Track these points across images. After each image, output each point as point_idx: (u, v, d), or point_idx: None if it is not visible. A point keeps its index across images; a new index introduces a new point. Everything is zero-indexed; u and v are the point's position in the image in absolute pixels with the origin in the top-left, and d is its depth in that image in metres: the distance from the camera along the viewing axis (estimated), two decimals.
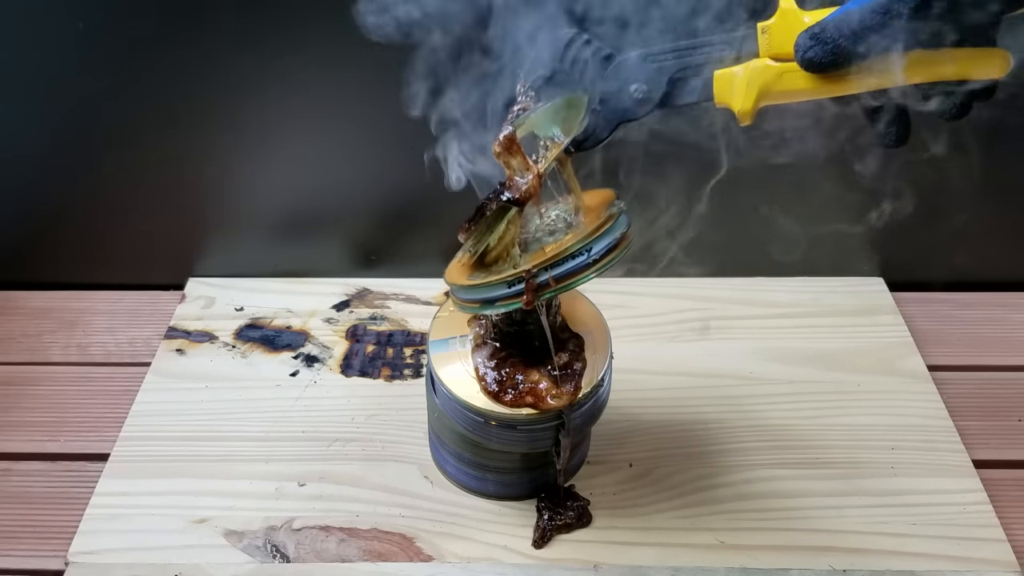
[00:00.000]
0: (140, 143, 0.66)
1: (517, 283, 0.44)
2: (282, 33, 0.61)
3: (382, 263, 0.74)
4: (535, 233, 0.47)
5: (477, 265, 0.47)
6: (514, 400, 0.48)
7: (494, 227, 0.44)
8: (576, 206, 0.47)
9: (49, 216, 0.72)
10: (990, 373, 0.67)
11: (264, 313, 0.71)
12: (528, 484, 0.55)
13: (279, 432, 0.61)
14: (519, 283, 0.44)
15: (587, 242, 0.43)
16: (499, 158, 0.43)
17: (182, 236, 0.73)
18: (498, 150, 0.43)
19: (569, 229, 0.47)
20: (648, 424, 0.61)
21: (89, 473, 0.58)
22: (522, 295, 0.44)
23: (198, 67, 0.62)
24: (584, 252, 0.43)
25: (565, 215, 0.48)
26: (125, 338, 0.70)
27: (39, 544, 0.54)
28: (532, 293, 0.43)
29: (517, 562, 0.53)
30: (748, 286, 0.74)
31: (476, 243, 0.46)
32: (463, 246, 0.48)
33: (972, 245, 0.73)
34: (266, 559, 0.53)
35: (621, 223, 0.45)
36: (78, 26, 0.60)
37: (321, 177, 0.69)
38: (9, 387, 0.65)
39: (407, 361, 0.67)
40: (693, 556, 0.53)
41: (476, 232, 0.45)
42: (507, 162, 0.43)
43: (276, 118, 0.65)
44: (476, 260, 0.47)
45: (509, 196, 0.43)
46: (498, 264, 0.46)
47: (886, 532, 0.54)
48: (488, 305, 0.45)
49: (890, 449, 0.59)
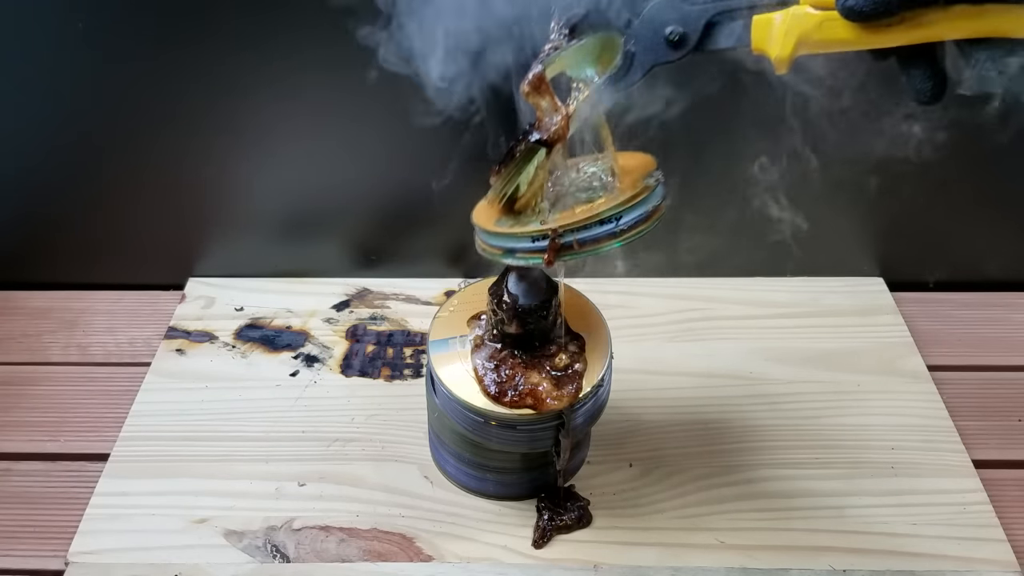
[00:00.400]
0: (140, 143, 0.66)
1: (541, 239, 0.43)
2: (282, 33, 0.61)
3: (382, 263, 0.74)
4: (568, 188, 0.46)
5: (506, 210, 0.46)
6: (514, 401, 0.49)
7: (522, 169, 0.43)
8: (612, 167, 0.46)
9: (49, 216, 0.71)
10: (990, 373, 0.67)
11: (264, 313, 0.71)
12: (528, 484, 0.55)
13: (279, 432, 0.61)
14: (543, 239, 0.43)
15: (618, 210, 0.42)
16: (528, 98, 0.42)
17: (182, 236, 0.73)
18: (527, 90, 0.42)
19: (603, 190, 0.46)
20: (648, 424, 0.61)
21: (89, 473, 0.58)
22: (544, 252, 0.43)
23: (198, 67, 0.62)
24: (614, 220, 0.42)
25: (601, 174, 0.47)
26: (125, 338, 0.70)
27: (39, 544, 0.54)
28: (554, 253, 0.43)
29: (517, 562, 0.53)
30: (748, 286, 0.74)
31: (505, 185, 0.45)
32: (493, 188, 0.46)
33: (972, 245, 0.73)
34: (266, 559, 0.53)
35: (656, 196, 0.44)
36: (78, 26, 0.60)
37: (321, 177, 0.69)
38: (9, 387, 0.65)
39: (407, 361, 0.67)
40: (693, 556, 0.53)
41: (505, 174, 0.44)
42: (536, 102, 0.42)
43: (276, 118, 0.65)
44: (505, 204, 0.46)
45: (538, 136, 0.42)
46: (526, 214, 0.46)
47: (886, 532, 0.54)
48: (509, 255, 0.45)
49: (890, 449, 0.59)
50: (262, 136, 0.66)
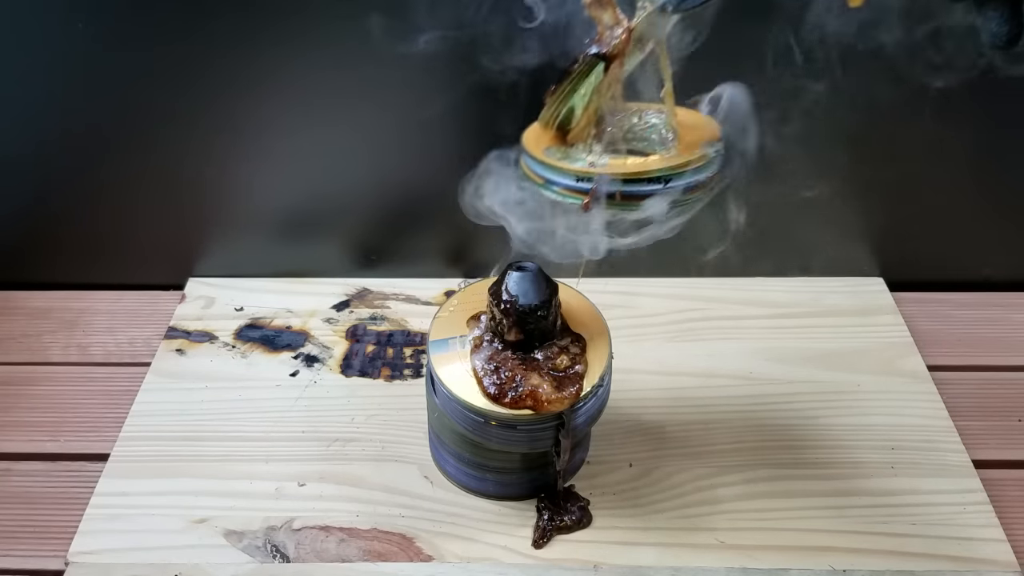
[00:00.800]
0: (140, 143, 0.66)
1: (585, 180, 0.42)
2: (282, 33, 0.61)
3: (382, 263, 0.74)
4: (625, 134, 0.45)
5: (558, 138, 0.45)
6: (513, 402, 0.48)
7: (578, 86, 0.43)
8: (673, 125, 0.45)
9: (49, 216, 0.72)
10: (990, 373, 0.67)
11: (264, 313, 0.71)
12: (528, 484, 0.55)
13: (279, 432, 0.61)
14: (587, 181, 0.42)
15: (669, 173, 0.41)
16: (589, 9, 0.41)
17: (182, 236, 0.73)
18: (588, 1, 0.41)
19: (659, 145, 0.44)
20: (648, 424, 0.61)
21: (89, 473, 0.58)
22: (585, 194, 0.42)
23: (198, 67, 0.62)
24: (662, 181, 0.42)
25: (662, 127, 0.45)
26: (125, 338, 0.70)
27: (39, 544, 0.54)
28: (593, 199, 0.42)
29: (517, 562, 0.53)
30: (748, 286, 0.74)
31: (558, 106, 0.44)
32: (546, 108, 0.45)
33: (972, 245, 0.73)
34: (266, 559, 0.53)
35: (710, 167, 0.43)
36: (78, 26, 0.60)
37: (321, 177, 0.69)
38: (9, 387, 0.65)
39: (407, 361, 0.67)
40: (693, 556, 0.53)
41: (559, 92, 0.43)
42: (597, 16, 0.41)
43: (276, 118, 0.65)
44: (557, 130, 0.45)
45: (596, 50, 0.41)
46: (575, 148, 0.45)
47: (886, 532, 0.54)
48: (548, 187, 0.44)
49: (890, 449, 0.59)
50: (262, 136, 0.66)
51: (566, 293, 0.53)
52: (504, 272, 0.50)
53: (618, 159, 0.44)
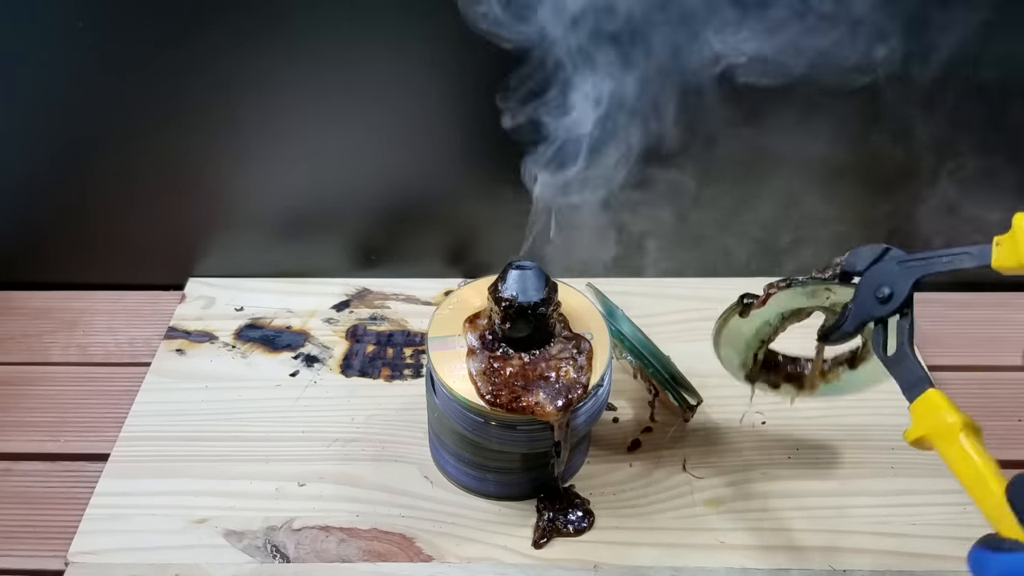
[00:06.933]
0: (140, 143, 0.66)
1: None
2: (283, 33, 0.61)
3: (382, 263, 0.74)
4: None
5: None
6: (512, 402, 0.48)
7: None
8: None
9: (49, 216, 0.72)
10: (990, 373, 0.67)
11: (264, 313, 0.71)
12: (528, 484, 0.55)
13: (279, 432, 0.61)
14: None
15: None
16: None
17: (182, 236, 0.73)
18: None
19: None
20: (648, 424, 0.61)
21: (89, 473, 0.58)
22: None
23: (198, 66, 0.62)
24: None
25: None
26: (125, 338, 0.70)
27: (39, 544, 0.54)
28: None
29: (517, 562, 0.53)
30: (748, 286, 0.73)
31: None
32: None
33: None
34: (266, 559, 0.53)
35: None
36: (78, 25, 0.60)
37: (321, 177, 0.69)
38: (9, 387, 0.65)
39: (407, 361, 0.67)
40: (693, 556, 0.53)
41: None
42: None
43: (276, 117, 0.65)
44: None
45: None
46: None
47: (886, 532, 0.54)
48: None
49: (890, 449, 0.59)
50: (262, 136, 0.66)
51: (566, 293, 0.53)
52: (504, 270, 0.50)
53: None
